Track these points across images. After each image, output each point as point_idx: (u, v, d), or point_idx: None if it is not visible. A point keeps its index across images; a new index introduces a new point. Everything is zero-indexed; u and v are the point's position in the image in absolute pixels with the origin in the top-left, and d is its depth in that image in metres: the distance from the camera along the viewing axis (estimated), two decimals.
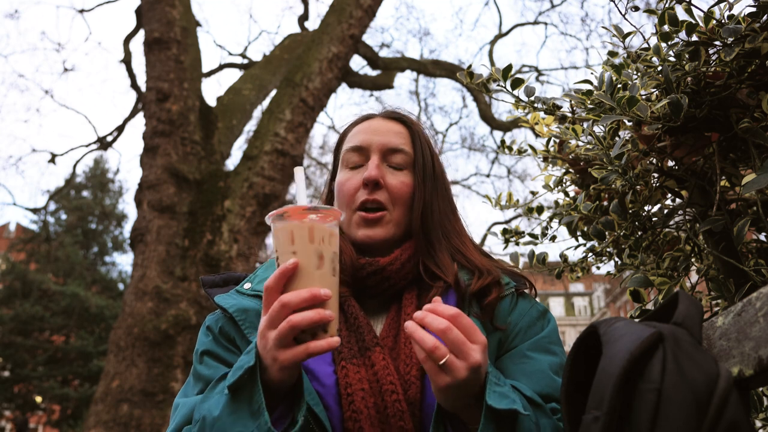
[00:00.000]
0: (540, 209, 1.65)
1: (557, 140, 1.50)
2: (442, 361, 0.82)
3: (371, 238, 1.13)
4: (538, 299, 1.21)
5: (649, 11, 1.21)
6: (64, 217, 23.07)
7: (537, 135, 1.54)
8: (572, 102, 1.34)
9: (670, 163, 1.31)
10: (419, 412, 0.96)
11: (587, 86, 1.28)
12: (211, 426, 0.86)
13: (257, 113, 8.42)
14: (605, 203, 1.40)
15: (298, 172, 1.00)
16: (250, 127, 8.88)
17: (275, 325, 0.83)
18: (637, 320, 0.84)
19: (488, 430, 0.85)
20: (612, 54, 1.34)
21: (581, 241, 1.52)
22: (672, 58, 1.15)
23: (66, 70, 12.79)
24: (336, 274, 0.89)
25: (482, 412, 0.85)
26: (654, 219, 1.36)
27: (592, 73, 1.29)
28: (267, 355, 0.85)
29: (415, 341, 0.84)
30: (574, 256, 1.59)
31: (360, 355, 1.00)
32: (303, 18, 10.45)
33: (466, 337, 0.84)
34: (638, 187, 1.31)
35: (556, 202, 1.64)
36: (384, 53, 11.16)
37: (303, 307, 0.82)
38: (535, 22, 12.47)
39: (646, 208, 1.36)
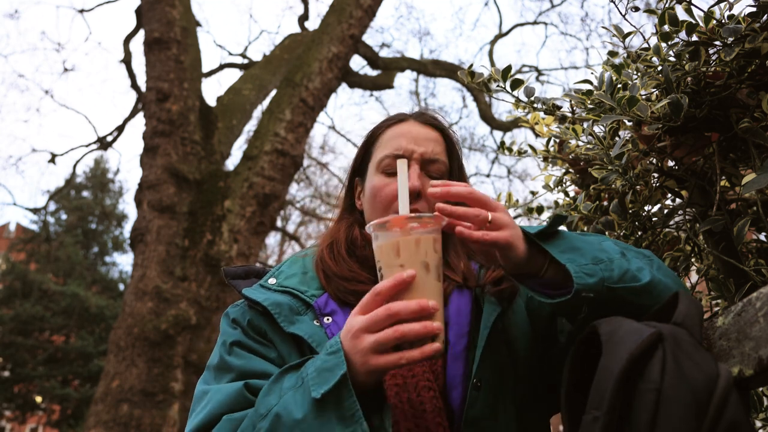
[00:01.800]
0: (540, 209, 1.65)
1: (557, 140, 1.50)
2: (489, 217, 0.88)
3: None
4: None
5: (649, 11, 1.21)
6: (64, 217, 23.03)
7: (537, 135, 1.54)
8: (572, 102, 1.34)
9: (670, 163, 1.31)
10: (446, 403, 0.96)
11: (587, 86, 1.28)
12: (290, 428, 0.83)
13: (257, 113, 8.43)
14: (605, 203, 1.40)
15: (402, 164, 0.96)
16: (250, 127, 8.88)
17: (376, 329, 0.83)
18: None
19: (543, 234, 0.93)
20: (612, 54, 1.34)
21: None
22: (672, 58, 1.15)
23: (66, 70, 12.77)
24: (440, 279, 0.89)
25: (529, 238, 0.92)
26: (654, 219, 1.36)
27: (592, 73, 1.29)
28: (356, 357, 0.84)
29: (459, 218, 0.88)
30: None
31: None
32: (303, 18, 10.44)
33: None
34: (638, 187, 1.31)
35: (556, 202, 1.64)
36: (384, 53, 11.14)
37: (411, 318, 0.82)
38: (535, 22, 12.46)
39: (646, 208, 1.36)
